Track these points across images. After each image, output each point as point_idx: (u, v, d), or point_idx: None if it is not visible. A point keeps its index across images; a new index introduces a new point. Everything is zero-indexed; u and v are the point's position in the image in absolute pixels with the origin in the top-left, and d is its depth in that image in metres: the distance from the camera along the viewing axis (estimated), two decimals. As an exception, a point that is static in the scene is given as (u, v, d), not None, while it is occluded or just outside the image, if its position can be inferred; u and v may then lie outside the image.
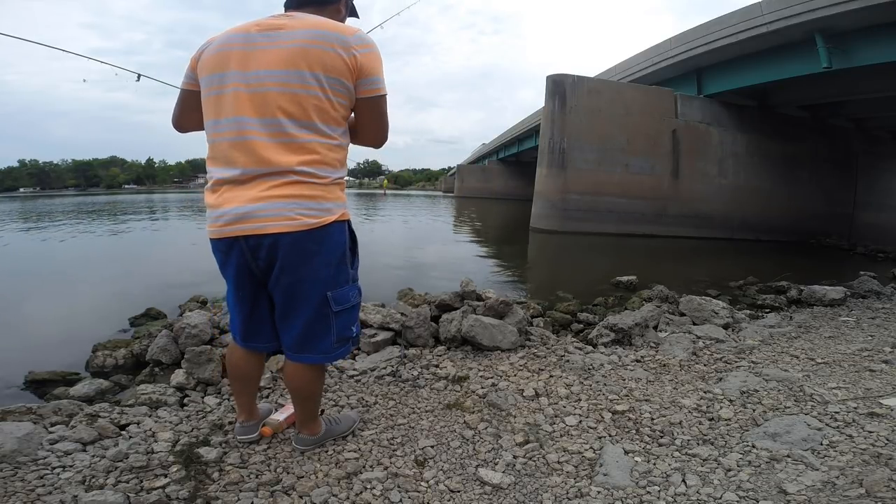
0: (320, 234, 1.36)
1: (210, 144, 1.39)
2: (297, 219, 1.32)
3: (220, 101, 1.33)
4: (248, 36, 1.33)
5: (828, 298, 4.46)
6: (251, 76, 1.30)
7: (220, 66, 1.34)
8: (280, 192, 1.30)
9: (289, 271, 1.37)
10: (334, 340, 1.48)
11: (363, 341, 2.72)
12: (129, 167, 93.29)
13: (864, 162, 14.29)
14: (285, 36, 1.30)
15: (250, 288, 1.45)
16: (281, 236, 1.32)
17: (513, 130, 29.75)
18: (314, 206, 1.34)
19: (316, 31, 1.31)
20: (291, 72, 1.28)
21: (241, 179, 1.32)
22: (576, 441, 1.78)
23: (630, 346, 2.95)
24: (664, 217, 12.23)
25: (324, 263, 1.40)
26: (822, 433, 1.80)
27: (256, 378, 1.71)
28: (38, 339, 3.43)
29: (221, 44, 1.36)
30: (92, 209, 21.01)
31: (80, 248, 8.95)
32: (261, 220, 1.30)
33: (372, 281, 5.24)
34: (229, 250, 1.39)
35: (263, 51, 1.31)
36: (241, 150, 1.31)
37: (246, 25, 1.37)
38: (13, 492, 1.35)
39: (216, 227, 1.36)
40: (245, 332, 1.54)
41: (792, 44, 9.58)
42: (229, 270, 1.43)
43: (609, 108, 12.06)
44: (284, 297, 1.42)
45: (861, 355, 2.78)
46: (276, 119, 1.29)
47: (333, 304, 1.44)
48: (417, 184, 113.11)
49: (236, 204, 1.32)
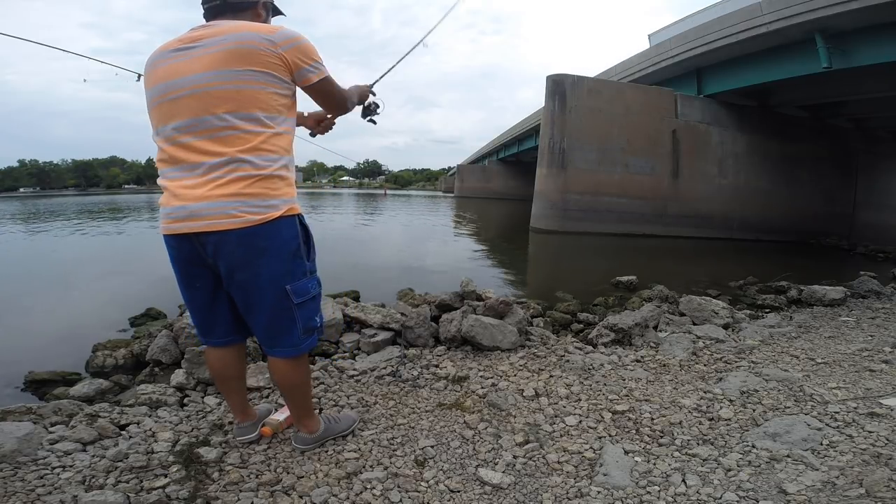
0: (267, 230, 1.39)
1: (158, 149, 1.44)
2: (240, 216, 1.35)
3: (157, 112, 1.41)
4: (170, 51, 1.40)
5: (828, 298, 4.46)
6: (175, 84, 1.36)
7: (151, 81, 1.42)
8: (224, 190, 1.34)
9: (241, 268, 1.41)
10: (301, 332, 1.51)
11: (363, 341, 2.72)
12: (129, 167, 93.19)
13: (863, 162, 14.30)
14: (207, 43, 1.36)
15: (204, 282, 1.49)
16: (225, 234, 1.36)
17: (513, 130, 29.75)
18: (258, 202, 1.37)
19: (237, 33, 1.36)
20: (213, 72, 1.33)
21: (187, 177, 1.37)
22: (576, 441, 1.78)
23: (630, 346, 2.95)
24: (664, 217, 12.24)
25: (276, 258, 1.42)
26: (822, 433, 1.80)
27: (238, 378, 1.70)
28: (38, 339, 3.44)
29: (152, 61, 1.43)
30: (92, 209, 21.00)
31: (81, 248, 8.95)
32: (205, 217, 1.35)
33: (372, 281, 5.25)
34: (180, 246, 1.44)
35: (186, 61, 1.36)
36: (183, 150, 1.37)
37: (169, 42, 1.43)
38: (13, 492, 1.35)
39: (166, 223, 1.42)
40: (204, 327, 1.58)
41: (792, 44, 9.58)
42: (180, 266, 1.48)
43: (609, 108, 12.06)
44: (242, 293, 1.46)
45: (861, 355, 2.78)
46: (213, 115, 1.34)
47: (294, 297, 1.46)
48: (417, 184, 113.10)
49: (183, 202, 1.37)
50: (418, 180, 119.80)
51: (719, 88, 12.17)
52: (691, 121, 12.47)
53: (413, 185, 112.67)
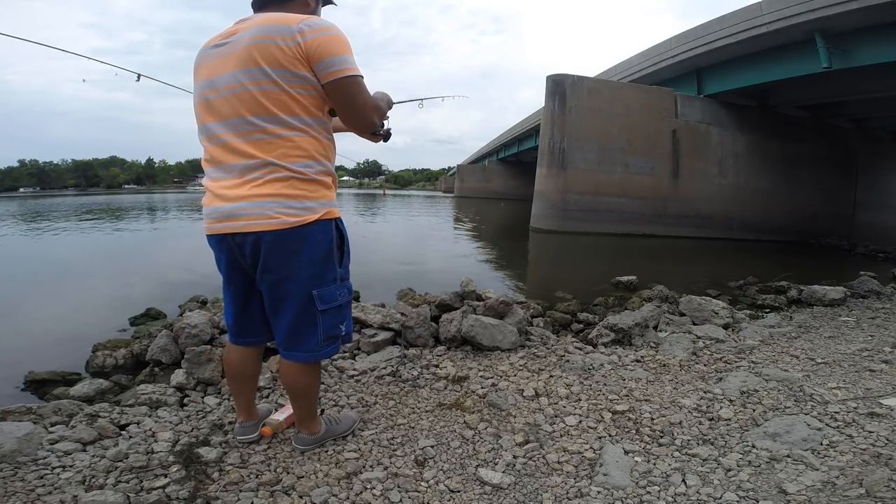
0: (301, 233, 1.38)
1: (203, 148, 1.46)
2: (278, 217, 1.34)
3: (200, 109, 1.43)
4: (211, 47, 1.41)
5: (828, 298, 4.46)
6: (214, 83, 1.37)
7: (197, 77, 1.44)
8: (262, 190, 1.34)
9: (271, 269, 1.40)
10: (321, 339, 1.48)
11: (363, 341, 2.72)
12: (129, 167, 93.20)
13: (863, 162, 14.30)
14: (235, 39, 1.35)
15: (241, 283, 1.50)
16: (262, 234, 1.35)
17: (513, 130, 29.76)
18: (295, 204, 1.36)
19: (261, 27, 1.32)
20: (241, 72, 1.32)
21: (226, 178, 1.38)
22: (576, 441, 1.78)
23: (630, 346, 2.95)
24: (664, 217, 12.24)
25: (306, 262, 1.41)
26: (822, 433, 1.80)
27: (253, 377, 1.71)
28: (38, 339, 3.43)
29: (199, 56, 1.44)
30: (92, 209, 21.00)
31: (81, 248, 8.95)
32: (244, 218, 1.35)
33: (372, 281, 5.25)
34: (220, 247, 1.45)
35: (220, 59, 1.37)
36: (223, 150, 1.38)
37: (214, 37, 1.44)
38: (13, 492, 1.35)
39: (207, 223, 1.44)
40: (237, 327, 1.58)
41: (792, 44, 9.59)
42: (222, 266, 1.50)
43: (609, 108, 12.07)
44: (270, 293, 1.45)
45: (861, 355, 2.78)
46: (243, 119, 1.34)
47: (319, 303, 1.44)
48: (417, 184, 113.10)
49: (223, 202, 1.38)
50: (418, 180, 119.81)
51: (719, 88, 12.17)
52: (691, 121, 12.48)
53: (413, 185, 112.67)
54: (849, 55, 8.87)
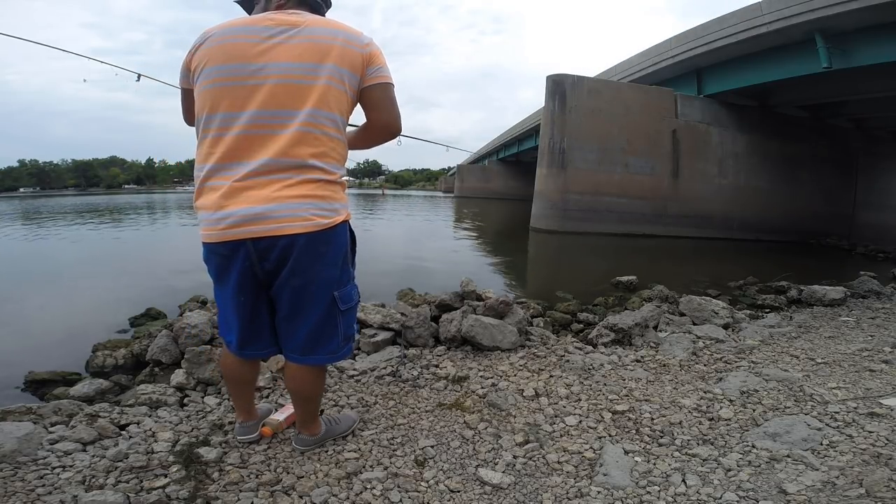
0: (329, 235, 1.36)
1: (210, 139, 1.31)
2: (312, 219, 1.31)
3: (223, 94, 1.29)
4: (266, 29, 1.31)
5: (828, 298, 4.46)
6: (273, 68, 1.28)
7: (231, 58, 1.29)
8: (293, 192, 1.29)
9: (299, 273, 1.35)
10: (341, 340, 1.49)
11: (363, 341, 2.72)
12: (129, 167, 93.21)
13: (864, 162, 14.30)
14: (307, 31, 1.33)
15: (252, 292, 1.40)
16: (297, 237, 1.30)
17: (513, 130, 29.75)
18: (326, 206, 1.34)
19: (336, 29, 1.36)
20: (316, 65, 1.30)
21: (250, 176, 1.27)
22: (576, 441, 1.78)
23: (630, 346, 2.95)
24: (664, 217, 12.24)
25: (331, 264, 1.40)
26: (822, 433, 1.80)
27: (253, 381, 1.70)
28: (38, 339, 3.43)
29: (229, 35, 1.31)
30: (92, 209, 21.00)
31: (81, 248, 8.95)
32: (277, 220, 1.28)
33: (372, 281, 5.24)
34: (233, 254, 1.32)
35: (286, 45, 1.30)
36: (260, 144, 1.28)
37: (254, 19, 1.36)
38: (13, 492, 1.35)
39: (218, 229, 1.29)
40: (243, 340, 1.47)
41: (792, 44, 9.59)
42: (231, 276, 1.36)
43: (609, 108, 12.07)
44: (293, 298, 1.39)
45: (861, 355, 2.78)
46: (296, 111, 1.29)
47: (340, 304, 1.45)
48: (417, 184, 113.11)
49: (247, 204, 1.27)
50: (418, 180, 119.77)
51: (719, 88, 12.17)
52: (691, 121, 12.48)
53: (413, 185, 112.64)
54: (849, 55, 8.86)
